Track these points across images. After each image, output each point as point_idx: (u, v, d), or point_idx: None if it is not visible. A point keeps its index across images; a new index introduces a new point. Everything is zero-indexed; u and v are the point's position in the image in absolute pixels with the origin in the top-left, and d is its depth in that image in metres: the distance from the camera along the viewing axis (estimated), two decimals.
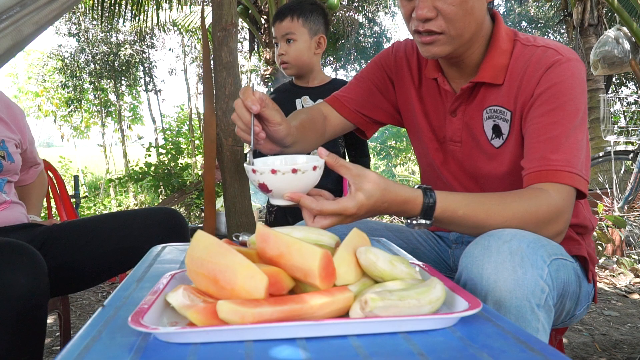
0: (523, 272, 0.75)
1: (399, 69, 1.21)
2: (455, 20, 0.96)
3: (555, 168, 0.92)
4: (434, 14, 0.96)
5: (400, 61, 1.20)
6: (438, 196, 0.87)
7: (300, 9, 1.79)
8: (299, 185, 0.82)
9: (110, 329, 0.61)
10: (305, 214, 0.84)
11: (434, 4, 0.95)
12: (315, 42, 1.82)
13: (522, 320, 0.75)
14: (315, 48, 1.83)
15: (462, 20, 0.97)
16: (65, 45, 11.35)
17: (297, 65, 1.83)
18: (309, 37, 1.81)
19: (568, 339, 2.07)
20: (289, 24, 1.79)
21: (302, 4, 1.80)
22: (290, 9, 1.80)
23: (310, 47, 1.81)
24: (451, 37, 0.99)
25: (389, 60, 1.22)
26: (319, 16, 1.82)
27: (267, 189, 0.83)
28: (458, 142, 1.12)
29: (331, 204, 0.81)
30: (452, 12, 0.95)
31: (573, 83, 0.97)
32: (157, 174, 5.87)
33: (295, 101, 1.88)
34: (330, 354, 0.53)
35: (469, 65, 1.07)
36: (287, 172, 0.80)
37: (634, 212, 3.42)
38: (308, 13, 1.80)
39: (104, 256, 1.36)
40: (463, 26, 0.98)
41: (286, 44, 1.80)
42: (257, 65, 11.24)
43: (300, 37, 1.79)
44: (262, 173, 0.81)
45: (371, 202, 0.82)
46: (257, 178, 0.83)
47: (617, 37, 4.08)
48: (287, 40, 1.80)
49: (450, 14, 0.96)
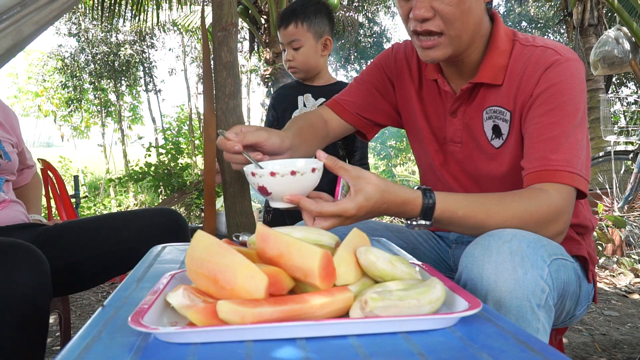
0: (523, 272, 0.75)
1: (399, 71, 1.21)
2: (453, 20, 0.96)
3: (555, 168, 0.92)
4: (431, 14, 0.96)
5: (400, 62, 1.20)
6: (438, 197, 0.87)
7: (304, 13, 1.78)
8: (298, 188, 0.83)
9: (110, 329, 0.61)
10: (305, 216, 0.84)
11: (432, 4, 0.95)
12: (322, 45, 1.82)
13: (522, 320, 0.75)
14: (321, 50, 1.83)
15: (459, 21, 0.97)
16: (65, 45, 11.36)
17: (305, 70, 1.83)
18: (315, 40, 1.80)
19: (568, 339, 2.07)
20: (293, 30, 1.78)
21: (305, 6, 1.79)
22: (293, 13, 1.78)
23: (316, 51, 1.81)
24: (450, 38, 0.99)
25: (389, 62, 1.22)
26: (323, 17, 1.81)
27: (266, 192, 0.84)
28: (458, 142, 1.12)
29: (330, 205, 0.81)
30: (449, 12, 0.95)
31: (572, 83, 0.96)
32: (157, 174, 5.87)
33: (297, 98, 1.89)
34: (330, 354, 0.53)
35: (468, 65, 1.07)
36: (286, 174, 0.81)
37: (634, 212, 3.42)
38: (312, 16, 1.78)
39: (104, 256, 1.36)
40: (461, 26, 0.97)
41: (293, 50, 1.80)
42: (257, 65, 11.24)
43: (306, 42, 1.78)
44: (262, 176, 0.82)
45: (370, 204, 0.83)
46: (257, 181, 0.83)
47: (617, 37, 4.08)
48: (294, 47, 1.80)
49: (448, 14, 0.96)
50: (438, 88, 1.14)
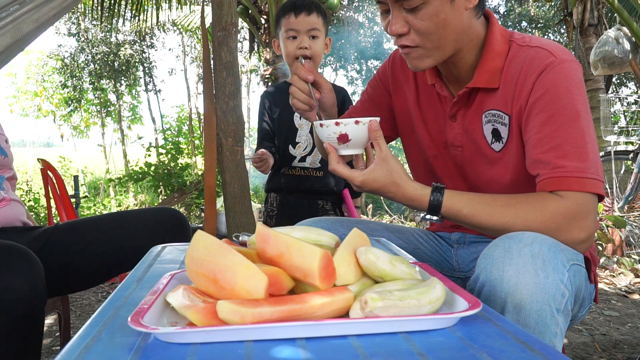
0: (545, 275, 0.75)
1: (396, 79, 1.22)
2: (428, 34, 0.96)
3: (564, 175, 0.91)
4: (405, 30, 0.97)
5: (397, 71, 1.22)
6: (446, 195, 0.94)
7: (321, 7, 1.79)
8: (365, 137, 0.96)
9: (110, 329, 0.61)
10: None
11: (406, 19, 0.96)
12: (325, 43, 1.84)
13: (541, 324, 0.75)
14: (324, 48, 1.84)
15: (435, 34, 0.97)
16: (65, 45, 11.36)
17: (316, 62, 1.82)
18: (324, 36, 1.82)
19: (568, 339, 2.07)
20: (315, 20, 1.76)
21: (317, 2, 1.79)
22: (313, 4, 1.77)
23: (323, 47, 1.82)
24: (428, 50, 0.99)
25: (386, 74, 1.25)
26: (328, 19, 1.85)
27: (346, 139, 0.96)
28: (459, 146, 1.12)
29: (345, 168, 0.98)
30: (423, 27, 0.96)
31: (568, 85, 0.94)
32: (157, 174, 5.87)
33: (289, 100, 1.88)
34: (330, 354, 0.53)
35: (463, 69, 1.07)
36: (366, 122, 0.95)
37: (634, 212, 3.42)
38: (324, 14, 1.81)
39: (104, 256, 1.36)
40: (438, 38, 0.97)
41: (309, 39, 1.77)
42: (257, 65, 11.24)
43: (321, 34, 1.79)
44: (347, 124, 0.94)
45: (376, 186, 0.96)
46: (340, 129, 0.94)
47: (617, 37, 4.08)
48: (312, 36, 1.77)
49: (422, 29, 0.96)
50: (437, 92, 1.13)
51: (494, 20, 1.06)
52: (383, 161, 0.95)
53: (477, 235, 1.21)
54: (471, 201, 0.94)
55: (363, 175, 0.96)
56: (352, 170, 0.98)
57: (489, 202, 0.93)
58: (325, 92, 1.14)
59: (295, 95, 1.13)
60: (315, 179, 1.93)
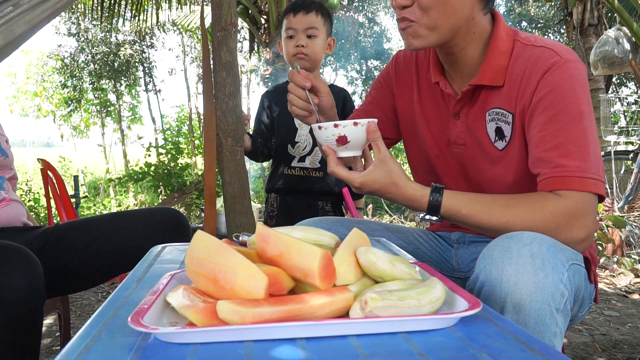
0: (544, 275, 0.75)
1: (399, 78, 1.23)
2: (429, 9, 0.97)
3: (565, 174, 0.91)
4: (409, 2, 0.98)
5: (400, 70, 1.23)
6: (445, 195, 0.94)
7: (321, 7, 1.79)
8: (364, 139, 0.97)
9: (110, 329, 0.61)
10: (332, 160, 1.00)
11: None
12: (327, 43, 1.84)
13: (541, 324, 0.75)
14: (326, 48, 1.84)
15: (436, 10, 0.97)
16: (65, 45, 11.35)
17: (313, 61, 1.82)
18: (325, 36, 1.82)
19: (568, 339, 2.07)
20: (314, 19, 1.78)
21: (319, 2, 1.80)
22: (313, 4, 1.79)
23: (324, 46, 1.83)
24: (424, 27, 0.99)
25: (389, 75, 1.25)
26: (330, 19, 1.85)
27: (345, 141, 0.96)
28: (462, 145, 1.12)
29: (344, 170, 0.98)
30: (426, 1, 0.97)
31: (572, 85, 0.95)
32: (157, 174, 5.86)
33: None
34: (330, 354, 0.53)
35: (468, 65, 1.07)
36: (365, 124, 0.95)
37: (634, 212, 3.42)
38: (327, 13, 1.81)
39: (104, 256, 1.36)
40: (437, 16, 0.98)
41: (307, 38, 1.78)
42: (257, 65, 11.23)
43: (320, 34, 1.80)
44: (345, 126, 0.94)
45: (375, 187, 0.97)
46: (339, 131, 0.94)
47: (617, 37, 4.08)
48: (309, 35, 1.78)
49: (425, 2, 0.97)
50: (440, 90, 1.13)
51: (500, 19, 1.07)
52: (382, 162, 0.96)
53: (476, 235, 1.21)
54: (470, 201, 0.94)
55: (362, 176, 0.97)
56: (351, 172, 0.98)
57: (488, 202, 0.93)
58: (323, 96, 1.13)
59: (294, 102, 1.12)
60: (315, 179, 1.93)
